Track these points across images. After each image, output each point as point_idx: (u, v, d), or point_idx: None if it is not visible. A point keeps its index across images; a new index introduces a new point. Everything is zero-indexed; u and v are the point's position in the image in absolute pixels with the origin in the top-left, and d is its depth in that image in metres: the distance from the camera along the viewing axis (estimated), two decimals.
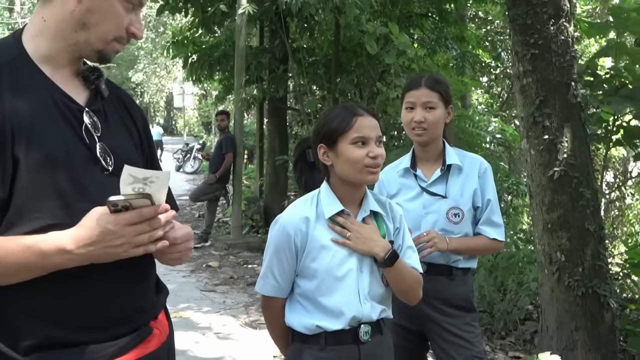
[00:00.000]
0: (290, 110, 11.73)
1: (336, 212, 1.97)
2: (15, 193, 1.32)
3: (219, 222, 10.77)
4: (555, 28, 3.98)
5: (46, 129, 1.37)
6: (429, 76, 2.67)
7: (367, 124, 1.95)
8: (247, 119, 19.05)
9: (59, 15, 1.42)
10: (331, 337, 1.94)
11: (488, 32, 13.39)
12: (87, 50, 1.46)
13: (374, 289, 1.99)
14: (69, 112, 1.43)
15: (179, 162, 22.01)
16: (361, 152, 1.92)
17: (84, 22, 1.42)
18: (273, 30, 9.61)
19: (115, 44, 1.48)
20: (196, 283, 6.86)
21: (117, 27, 1.46)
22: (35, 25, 1.45)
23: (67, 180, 1.37)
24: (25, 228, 1.32)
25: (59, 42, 1.44)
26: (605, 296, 3.93)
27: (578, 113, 4.01)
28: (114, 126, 1.54)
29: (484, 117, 10.84)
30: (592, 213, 3.98)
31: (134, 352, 1.46)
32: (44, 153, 1.34)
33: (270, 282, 1.99)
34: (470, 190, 2.59)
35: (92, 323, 1.40)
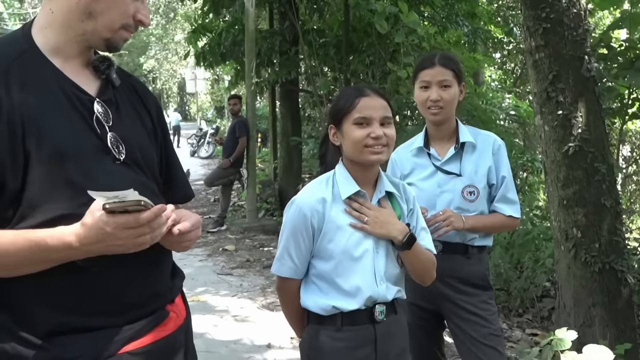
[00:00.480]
0: (303, 92, 11.70)
1: (352, 193, 1.98)
2: (27, 185, 1.33)
3: (234, 206, 10.81)
4: (567, 1, 3.92)
5: (56, 121, 1.38)
6: (441, 54, 2.64)
7: (370, 104, 1.95)
8: (260, 103, 19.03)
9: (66, 6, 1.43)
10: (347, 318, 1.95)
11: (500, 7, 13.23)
12: (95, 39, 1.47)
13: (389, 269, 2.00)
14: (80, 102, 1.44)
15: (193, 147, 22.11)
16: (362, 132, 1.93)
17: (90, 11, 1.43)
18: (282, 12, 9.56)
19: (122, 32, 1.49)
20: (213, 267, 6.90)
21: (123, 14, 1.46)
22: (43, 17, 1.46)
23: (77, 171, 1.38)
24: (38, 219, 1.33)
25: (67, 33, 1.44)
26: (622, 272, 3.91)
27: (592, 87, 3.96)
28: (126, 115, 1.54)
29: (497, 93, 10.75)
30: (608, 188, 3.94)
31: (151, 335, 1.48)
32: (55, 145, 1.35)
33: (287, 264, 2.00)
34: (484, 168, 2.58)
35: (108, 309, 1.42)
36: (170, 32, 33.43)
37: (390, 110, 2.00)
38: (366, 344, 1.96)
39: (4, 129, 1.31)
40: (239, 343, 4.58)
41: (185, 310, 1.66)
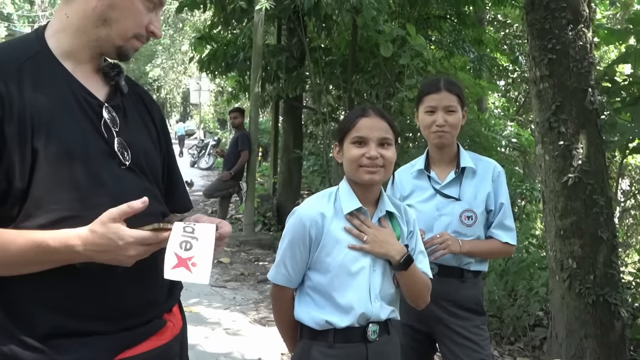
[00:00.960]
0: (306, 109, 11.74)
1: (354, 209, 2.00)
2: (33, 184, 1.34)
3: (231, 218, 10.80)
4: (574, 33, 3.96)
5: (65, 123, 1.40)
6: (445, 79, 2.69)
7: (369, 124, 1.98)
8: (263, 117, 19.09)
9: (81, 12, 1.46)
10: (339, 335, 1.96)
11: (506, 35, 13.33)
12: (108, 46, 1.49)
13: (385, 288, 2.02)
14: (89, 107, 1.46)
15: (193, 157, 22.14)
16: (358, 151, 1.97)
17: (105, 18, 1.45)
18: (291, 28, 9.62)
19: (134, 41, 1.52)
20: None
21: (137, 24, 1.50)
22: (58, 21, 1.48)
23: (84, 173, 1.40)
24: (42, 219, 1.34)
25: (80, 37, 1.47)
26: (616, 305, 3.91)
27: (594, 120, 3.99)
28: (132, 122, 1.57)
29: (500, 121, 10.79)
30: (606, 220, 3.95)
31: (147, 343, 1.49)
32: (63, 146, 1.37)
33: (282, 272, 2.03)
34: (484, 194, 2.60)
35: (105, 314, 1.43)
36: (177, 42, 33.56)
37: (393, 132, 2.01)
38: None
39: (14, 128, 1.33)
40: (230, 356, 4.56)
41: (182, 320, 1.67)
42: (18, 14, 33.62)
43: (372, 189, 2.04)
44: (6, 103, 1.33)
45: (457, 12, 9.61)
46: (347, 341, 1.97)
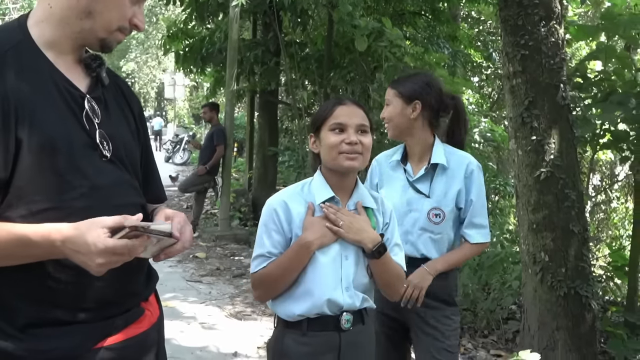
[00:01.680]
0: (282, 104, 11.73)
1: (326, 199, 2.01)
2: (16, 175, 1.34)
3: (207, 213, 10.76)
4: (546, 30, 4.01)
5: (48, 113, 1.40)
6: (402, 77, 2.78)
7: (346, 112, 2.01)
8: (238, 112, 19.01)
9: (66, 3, 1.45)
10: (313, 323, 1.98)
11: (480, 32, 13.44)
12: (91, 38, 1.49)
13: (358, 277, 2.02)
14: (71, 97, 1.45)
15: (168, 152, 21.98)
16: (337, 138, 1.98)
17: (90, 10, 1.45)
18: (266, 23, 9.60)
19: (118, 33, 1.52)
20: (182, 273, 6.86)
21: (122, 17, 1.49)
22: (41, 10, 1.47)
23: (66, 164, 1.39)
24: (23, 210, 1.34)
25: (63, 28, 1.46)
26: (587, 297, 3.98)
27: (566, 115, 4.05)
28: (113, 114, 1.57)
29: (474, 117, 10.88)
30: (577, 215, 4.02)
31: (126, 331, 1.50)
32: (46, 136, 1.37)
33: (264, 256, 2.00)
34: (454, 191, 2.60)
35: (85, 305, 1.43)
36: (151, 36, 33.25)
37: (369, 120, 2.03)
38: (329, 351, 1.99)
39: (0, 116, 1.32)
40: (205, 350, 4.56)
41: (159, 309, 1.69)
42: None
43: (348, 177, 2.05)
44: None
45: (432, 9, 9.68)
46: (320, 329, 1.98)
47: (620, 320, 4.74)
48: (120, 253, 1.30)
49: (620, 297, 5.45)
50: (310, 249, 1.95)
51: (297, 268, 1.97)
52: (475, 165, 2.65)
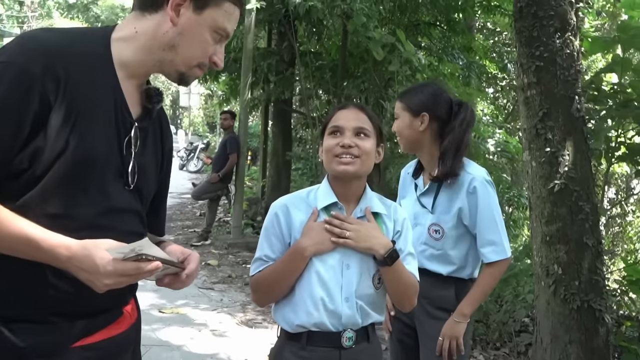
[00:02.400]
0: (296, 113, 11.76)
1: (329, 204, 1.96)
2: (49, 173, 1.36)
3: (219, 221, 10.79)
4: (561, 41, 4.00)
5: (100, 130, 1.43)
6: (410, 88, 2.74)
7: (346, 115, 1.97)
8: (252, 121, 19.08)
9: (151, 32, 1.48)
10: (312, 338, 1.93)
11: (495, 43, 13.41)
12: (170, 69, 1.53)
13: (362, 288, 1.94)
14: (122, 121, 1.48)
15: (182, 160, 22.07)
16: (333, 141, 1.93)
17: (174, 44, 1.49)
18: (281, 32, 9.65)
19: (197, 69, 1.55)
20: (195, 280, 6.86)
21: (203, 54, 1.53)
22: (125, 31, 1.50)
23: (96, 182, 1.42)
24: (40, 210, 1.36)
25: (143, 55, 1.50)
26: (600, 311, 3.94)
27: (580, 127, 4.03)
28: (149, 146, 1.59)
29: (488, 128, 10.85)
30: (591, 227, 3.99)
31: (105, 331, 1.51)
32: (90, 152, 1.40)
33: (262, 259, 1.99)
34: (455, 208, 2.53)
35: (68, 309, 1.44)
36: None
37: (373, 125, 1.97)
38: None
39: (60, 117, 1.35)
40: (216, 357, 4.56)
41: (137, 312, 1.69)
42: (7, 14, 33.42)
43: (351, 184, 1.98)
44: (61, 90, 1.35)
45: (447, 19, 9.68)
46: (319, 345, 1.92)
47: (634, 335, 4.69)
48: (128, 275, 1.32)
49: (635, 311, 5.40)
50: (305, 254, 1.89)
51: (291, 273, 1.92)
52: (479, 181, 2.53)
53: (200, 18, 1.49)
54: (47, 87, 1.33)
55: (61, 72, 1.35)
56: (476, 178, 2.53)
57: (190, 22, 1.48)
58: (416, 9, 9.21)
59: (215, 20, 1.51)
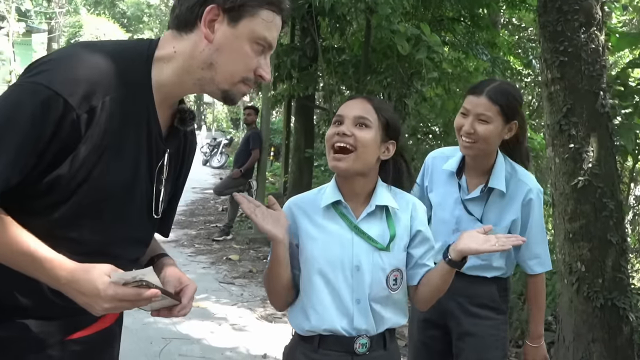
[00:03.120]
0: (318, 109, 11.75)
1: (332, 202, 1.91)
2: (70, 200, 1.34)
3: (241, 216, 10.82)
4: (586, 36, 3.94)
5: (126, 158, 1.40)
6: (495, 86, 2.40)
7: (350, 104, 1.92)
8: (275, 117, 19.13)
9: (189, 51, 1.43)
10: (325, 341, 1.89)
11: (520, 39, 13.26)
12: (212, 87, 1.47)
13: (375, 291, 1.88)
14: (156, 151, 1.46)
15: (205, 156, 22.21)
16: (331, 131, 1.88)
17: (212, 61, 1.43)
18: (304, 28, 9.63)
19: (241, 85, 1.48)
20: (215, 275, 6.92)
21: (245, 68, 1.46)
22: (166, 49, 1.45)
23: (118, 213, 1.42)
24: (52, 230, 1.35)
25: (181, 75, 1.45)
26: (624, 309, 3.88)
27: (605, 123, 3.97)
28: (173, 167, 1.58)
29: None
30: (615, 224, 3.92)
31: (93, 326, 1.53)
32: (113, 180, 1.38)
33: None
34: (508, 220, 2.44)
35: (63, 312, 1.45)
36: None
37: (378, 116, 1.88)
38: None
39: (88, 149, 1.32)
40: (235, 351, 4.59)
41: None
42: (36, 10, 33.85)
43: (354, 182, 1.91)
44: (94, 122, 1.31)
45: (471, 15, 9.57)
46: (331, 349, 1.88)
47: None
48: (127, 301, 1.30)
49: None
50: (276, 240, 1.80)
51: (275, 265, 1.84)
52: (535, 192, 2.45)
53: (236, 31, 1.42)
54: (80, 120, 1.29)
55: (98, 103, 1.31)
56: (532, 190, 2.45)
57: (226, 36, 1.42)
58: (440, 4, 9.13)
59: (253, 30, 1.43)
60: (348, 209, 1.92)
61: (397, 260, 1.93)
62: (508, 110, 2.36)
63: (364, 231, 1.89)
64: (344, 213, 1.92)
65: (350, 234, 1.89)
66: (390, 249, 1.90)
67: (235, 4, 1.40)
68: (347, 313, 1.87)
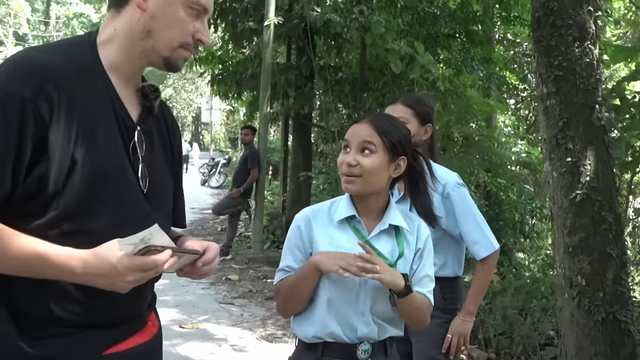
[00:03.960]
0: (316, 127, 11.78)
1: (345, 217, 1.96)
2: (64, 193, 1.35)
3: (240, 236, 10.82)
4: (580, 50, 3.95)
5: (105, 141, 1.42)
6: (407, 95, 2.82)
7: (354, 130, 1.95)
8: (273, 136, 19.18)
9: (127, 25, 1.46)
10: (328, 348, 1.93)
11: (516, 54, 13.33)
12: (154, 57, 1.49)
13: (378, 305, 1.94)
14: (125, 127, 1.47)
15: (204, 176, 22.22)
16: (341, 157, 1.94)
17: (149, 29, 1.45)
18: (300, 47, 9.68)
19: (181, 50, 1.50)
20: (215, 295, 6.88)
21: (182, 33, 1.48)
22: (107, 32, 1.49)
23: (111, 192, 1.42)
24: (59, 229, 1.36)
25: (127, 51, 1.47)
26: (626, 322, 3.86)
27: (602, 136, 3.97)
28: (156, 146, 1.58)
29: (510, 139, 10.78)
30: (615, 237, 3.92)
31: (131, 340, 1.52)
32: (99, 163, 1.39)
33: (284, 270, 2.00)
34: None
35: (99, 319, 1.44)
36: (188, 62, 33.87)
37: (382, 138, 1.91)
38: None
39: (59, 135, 1.34)
40: None
41: (158, 322, 1.70)
42: (33, 34, 34.07)
43: (367, 199, 1.97)
44: (55, 109, 1.33)
45: (466, 31, 9.65)
46: (335, 356, 1.93)
47: None
48: (147, 269, 1.31)
49: None
50: (318, 268, 1.86)
51: (305, 285, 1.92)
52: (451, 185, 2.65)
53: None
54: (40, 109, 1.31)
55: (53, 92, 1.33)
56: (448, 184, 2.64)
57: (159, 3, 1.45)
58: (435, 21, 9.19)
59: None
60: (361, 224, 1.97)
61: None
62: (422, 115, 2.69)
63: (375, 247, 1.93)
64: (357, 228, 1.97)
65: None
66: (397, 266, 1.95)
67: None
68: (351, 323, 1.91)
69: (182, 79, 37.32)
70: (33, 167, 1.32)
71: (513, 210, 8.06)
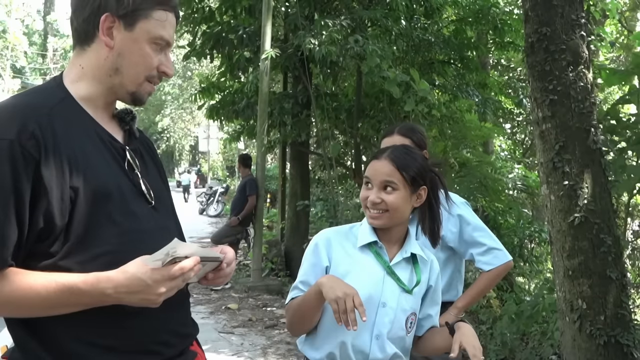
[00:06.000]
0: (313, 154, 11.81)
1: (368, 242, 1.97)
2: (74, 222, 1.37)
3: (239, 264, 10.76)
4: (574, 74, 4.00)
5: (99, 163, 1.45)
6: (400, 125, 2.88)
7: (375, 167, 1.98)
8: (271, 164, 19.21)
9: (94, 62, 1.50)
10: None
11: (510, 79, 13.45)
12: (122, 92, 1.54)
13: (395, 330, 1.94)
14: (114, 149, 1.51)
15: (202, 205, 22.19)
16: (364, 193, 1.98)
17: (117, 66, 1.50)
18: (296, 76, 9.75)
19: (146, 85, 1.56)
20: (215, 324, 6.83)
21: (147, 68, 1.53)
22: (74, 72, 1.53)
23: (120, 210, 1.44)
24: (81, 257, 1.38)
25: (96, 86, 1.52)
26: (628, 346, 3.85)
27: (598, 159, 4.00)
28: (147, 164, 1.63)
29: (507, 163, 10.82)
30: (614, 260, 3.92)
31: None
32: (100, 185, 1.42)
33: (297, 287, 1.99)
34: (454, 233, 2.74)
35: (144, 348, 1.46)
36: (185, 91, 34.08)
37: (402, 175, 1.92)
38: None
39: (52, 169, 1.36)
40: None
41: (202, 352, 1.73)
42: (30, 67, 34.28)
43: (391, 229, 2.00)
44: (42, 145, 1.35)
45: (461, 57, 9.74)
46: None
47: None
48: (175, 278, 1.34)
49: None
50: (320, 288, 1.80)
51: (309, 307, 1.90)
52: (459, 204, 2.76)
53: (133, 35, 1.49)
54: (27, 147, 1.33)
55: (36, 129, 1.35)
56: (457, 202, 2.73)
57: (125, 41, 1.49)
58: (429, 48, 9.28)
59: (149, 31, 1.51)
60: (383, 250, 1.99)
61: (416, 305, 2.01)
62: (419, 142, 2.75)
63: (395, 273, 1.97)
64: (379, 253, 1.99)
65: (382, 272, 1.96)
66: (413, 293, 1.98)
67: (127, 9, 1.47)
68: (364, 347, 1.91)
69: (180, 108, 37.51)
70: (35, 206, 1.34)
71: (512, 234, 8.05)
